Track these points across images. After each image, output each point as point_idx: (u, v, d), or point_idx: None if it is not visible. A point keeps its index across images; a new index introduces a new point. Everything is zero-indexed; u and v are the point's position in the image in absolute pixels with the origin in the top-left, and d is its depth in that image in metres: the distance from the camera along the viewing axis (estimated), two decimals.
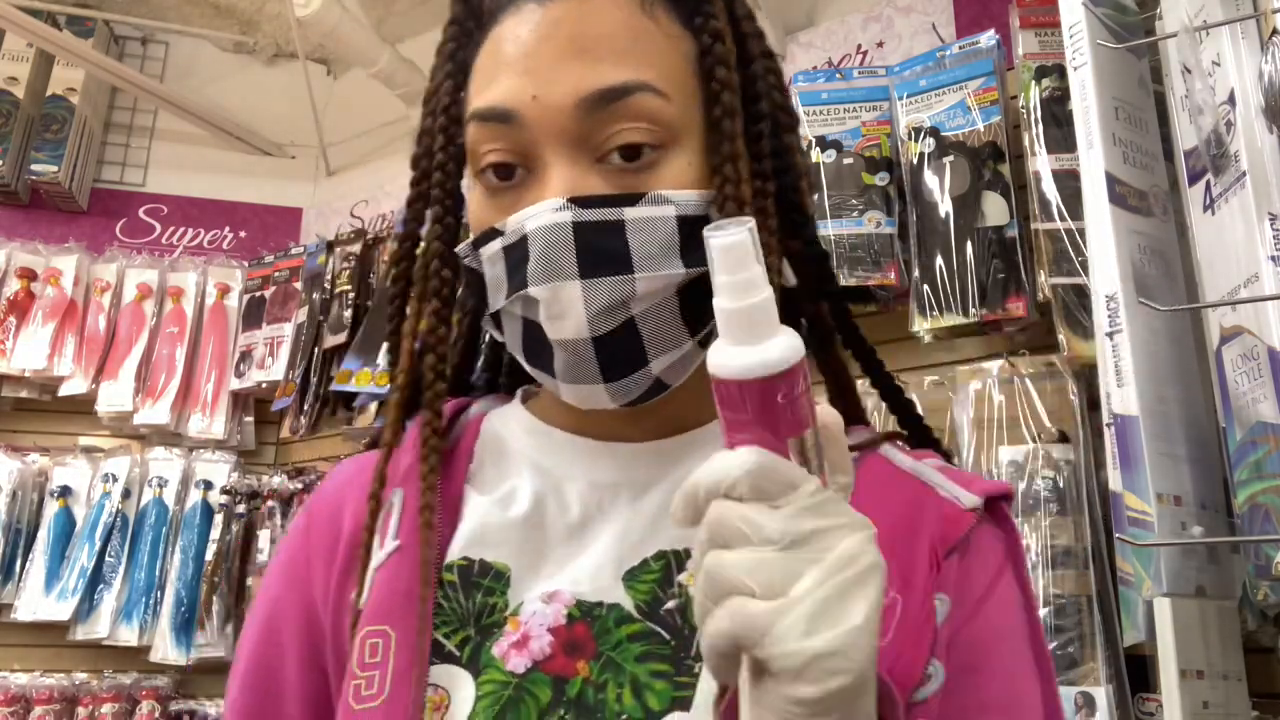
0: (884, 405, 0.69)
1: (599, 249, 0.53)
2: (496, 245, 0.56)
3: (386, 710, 0.53)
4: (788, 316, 0.60)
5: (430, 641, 0.54)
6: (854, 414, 0.66)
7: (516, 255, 0.54)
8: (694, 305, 0.55)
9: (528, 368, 0.59)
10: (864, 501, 0.51)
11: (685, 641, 0.54)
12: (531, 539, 0.58)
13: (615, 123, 0.54)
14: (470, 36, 0.60)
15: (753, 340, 0.40)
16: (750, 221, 0.40)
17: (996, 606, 0.56)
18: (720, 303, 0.41)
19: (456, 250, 0.60)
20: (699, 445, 0.60)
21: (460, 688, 0.54)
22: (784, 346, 0.40)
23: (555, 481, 0.61)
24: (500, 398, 0.69)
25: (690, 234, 0.54)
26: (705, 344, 0.56)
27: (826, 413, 0.43)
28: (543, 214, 0.53)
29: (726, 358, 0.40)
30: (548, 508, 0.59)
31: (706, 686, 0.51)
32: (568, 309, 0.53)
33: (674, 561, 0.57)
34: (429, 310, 0.61)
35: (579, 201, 0.53)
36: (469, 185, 0.60)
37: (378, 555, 0.58)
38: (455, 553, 0.58)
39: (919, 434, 0.67)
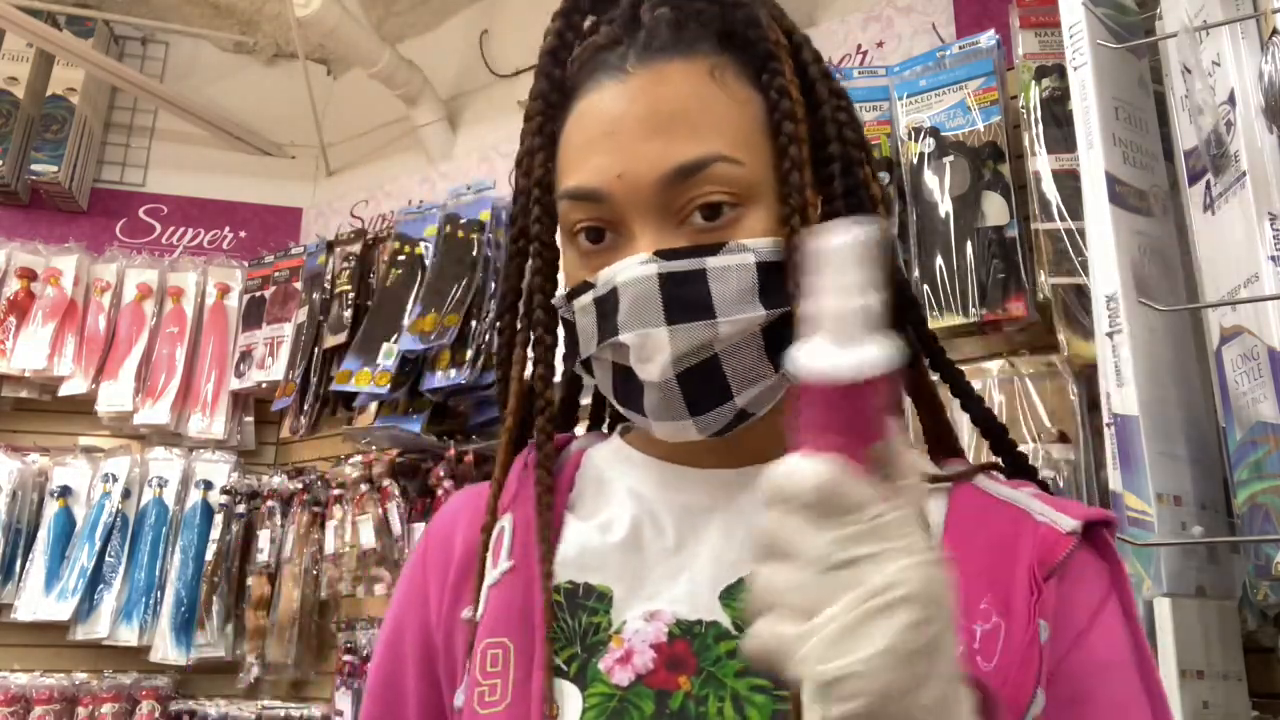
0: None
1: (683, 297, 0.57)
2: (588, 297, 0.60)
3: (510, 714, 0.58)
4: None
5: (549, 653, 0.59)
6: (947, 443, 0.68)
7: (607, 306, 0.59)
8: (778, 341, 0.58)
9: (620, 408, 0.63)
10: (959, 532, 0.57)
11: None
12: (631, 562, 0.62)
13: (694, 190, 0.58)
14: (556, 109, 0.64)
15: (852, 342, 0.39)
16: (870, 224, 0.40)
17: (1101, 638, 0.57)
18: (821, 301, 0.40)
19: (552, 302, 0.65)
20: None
21: (569, 701, 0.58)
22: (882, 350, 0.39)
23: (651, 507, 0.64)
24: (598, 435, 0.74)
25: (769, 278, 0.58)
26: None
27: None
28: (631, 267, 0.58)
29: (821, 357, 0.40)
30: (645, 532, 0.63)
31: None
32: (655, 353, 0.57)
33: None
34: (537, 367, 0.66)
35: (664, 254, 0.57)
36: (561, 244, 0.66)
37: (491, 574, 0.63)
38: (560, 576, 0.62)
39: (1015, 463, 0.68)
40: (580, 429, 0.77)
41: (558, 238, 0.66)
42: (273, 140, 3.08)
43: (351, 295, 2.43)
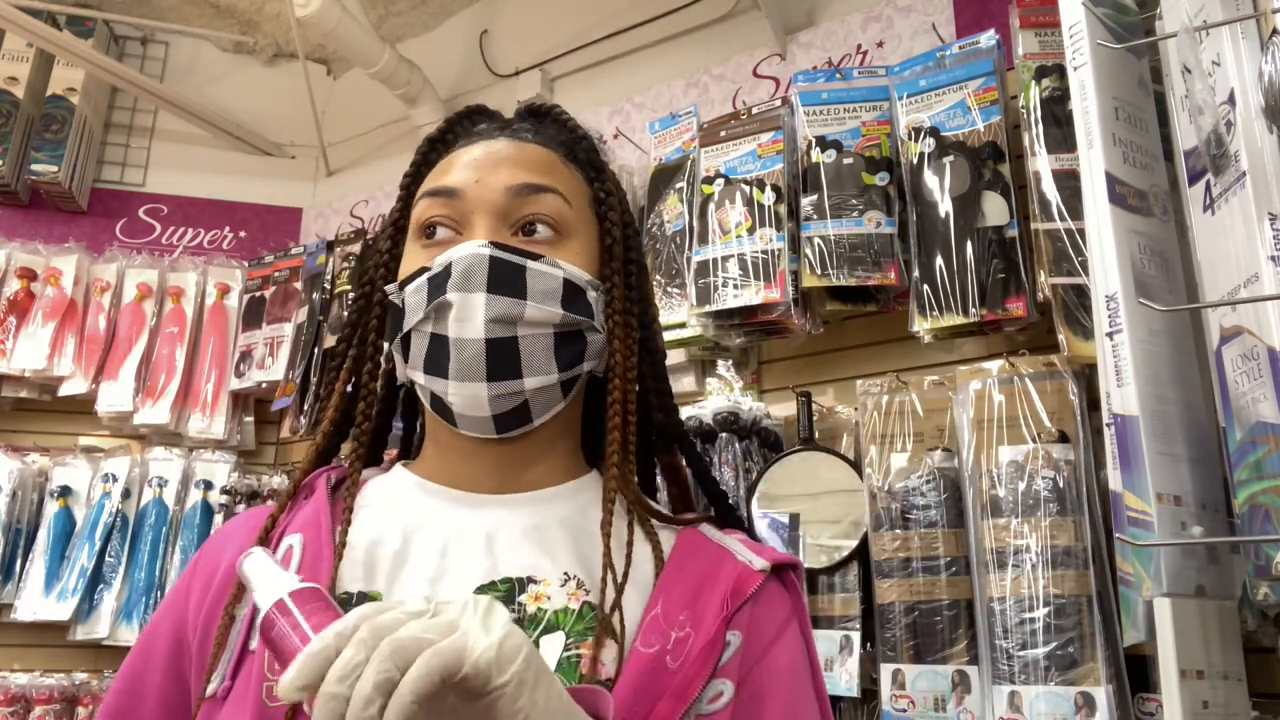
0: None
1: (504, 278, 0.71)
2: (423, 278, 0.72)
3: (297, 707, 0.64)
4: (642, 418, 0.81)
5: None
6: (684, 500, 0.87)
7: (440, 279, 0.71)
8: (564, 349, 0.73)
9: (424, 379, 0.73)
10: (677, 561, 0.73)
11: None
12: (401, 572, 0.71)
13: (531, 207, 0.74)
14: (431, 163, 0.81)
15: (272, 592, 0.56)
16: None
17: (782, 650, 0.71)
18: None
19: (386, 289, 0.76)
20: (537, 501, 0.75)
21: None
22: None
23: (421, 524, 0.74)
24: (377, 469, 0.83)
25: (570, 294, 0.73)
26: (566, 384, 0.74)
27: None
28: (469, 248, 0.71)
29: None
30: (414, 545, 0.72)
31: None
32: (472, 314, 0.69)
33: (516, 586, 0.70)
34: (365, 348, 0.79)
35: (497, 245, 0.72)
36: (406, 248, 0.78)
37: None
38: (339, 588, 0.70)
39: (727, 517, 0.84)
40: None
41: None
42: (273, 140, 3.08)
43: (351, 295, 2.43)
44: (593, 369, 0.77)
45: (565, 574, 0.70)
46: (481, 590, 0.70)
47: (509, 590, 0.70)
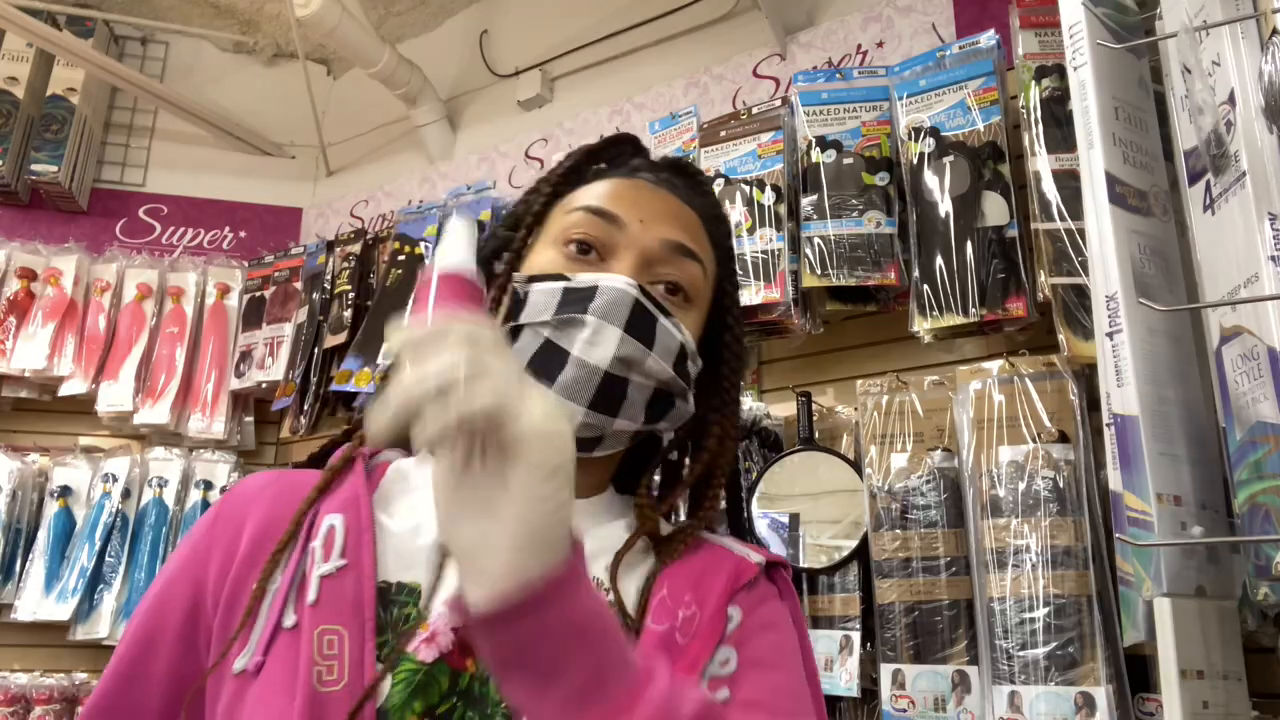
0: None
1: (640, 322, 0.74)
2: (558, 284, 0.74)
3: (348, 692, 0.65)
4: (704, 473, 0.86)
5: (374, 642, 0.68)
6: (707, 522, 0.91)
7: (580, 295, 0.73)
8: (657, 405, 0.76)
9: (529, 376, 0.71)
10: (685, 561, 0.77)
11: None
12: (436, 559, 0.72)
13: (674, 267, 0.78)
14: (580, 173, 0.84)
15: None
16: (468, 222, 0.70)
17: (783, 636, 0.76)
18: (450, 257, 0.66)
19: (514, 277, 0.78)
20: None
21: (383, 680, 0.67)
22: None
23: None
24: (401, 451, 0.84)
25: (681, 359, 0.77)
26: (639, 434, 0.77)
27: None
28: (617, 279, 0.74)
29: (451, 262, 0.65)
30: None
31: None
32: (604, 343, 0.72)
33: None
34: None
35: (642, 290, 0.75)
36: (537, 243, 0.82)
37: (325, 566, 0.70)
38: (379, 576, 0.71)
39: (737, 529, 0.90)
40: None
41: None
42: (273, 140, 3.08)
43: (351, 295, 2.43)
44: (665, 430, 0.81)
45: (595, 580, 0.73)
46: None
47: None
